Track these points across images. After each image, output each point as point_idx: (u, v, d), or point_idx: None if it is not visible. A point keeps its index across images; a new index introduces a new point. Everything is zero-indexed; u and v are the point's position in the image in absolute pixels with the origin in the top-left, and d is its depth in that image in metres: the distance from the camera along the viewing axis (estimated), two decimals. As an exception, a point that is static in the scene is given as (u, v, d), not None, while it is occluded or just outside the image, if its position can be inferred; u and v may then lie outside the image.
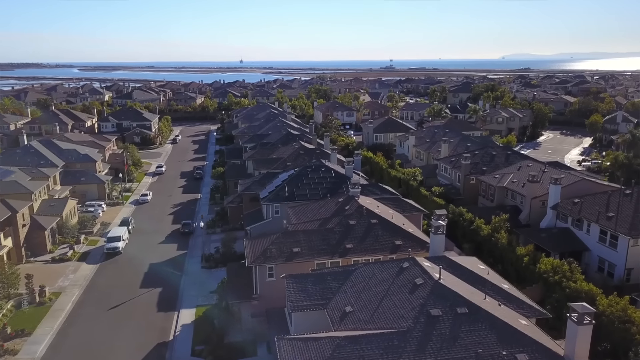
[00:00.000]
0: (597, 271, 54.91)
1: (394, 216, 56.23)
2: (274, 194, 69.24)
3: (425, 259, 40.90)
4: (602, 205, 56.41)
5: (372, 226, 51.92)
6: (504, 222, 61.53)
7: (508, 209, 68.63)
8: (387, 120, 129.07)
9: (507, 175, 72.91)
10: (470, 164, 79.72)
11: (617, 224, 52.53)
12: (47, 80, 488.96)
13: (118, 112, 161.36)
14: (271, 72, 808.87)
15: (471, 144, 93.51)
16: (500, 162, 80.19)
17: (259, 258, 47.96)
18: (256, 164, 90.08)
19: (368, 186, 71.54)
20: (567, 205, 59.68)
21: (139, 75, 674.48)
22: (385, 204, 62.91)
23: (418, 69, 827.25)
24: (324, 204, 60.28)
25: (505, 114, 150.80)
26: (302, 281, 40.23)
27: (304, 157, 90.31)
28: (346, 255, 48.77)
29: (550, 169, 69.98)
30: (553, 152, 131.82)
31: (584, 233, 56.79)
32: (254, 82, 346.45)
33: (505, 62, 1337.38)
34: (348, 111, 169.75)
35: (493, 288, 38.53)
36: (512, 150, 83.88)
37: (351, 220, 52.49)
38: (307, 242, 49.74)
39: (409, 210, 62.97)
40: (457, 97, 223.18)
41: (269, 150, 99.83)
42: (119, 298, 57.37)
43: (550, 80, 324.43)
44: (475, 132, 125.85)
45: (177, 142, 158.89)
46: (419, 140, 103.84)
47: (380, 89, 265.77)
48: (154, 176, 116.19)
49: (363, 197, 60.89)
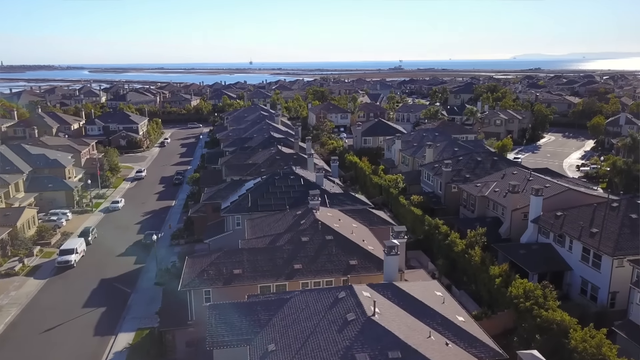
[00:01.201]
0: (580, 293, 49.35)
1: (354, 231, 51.13)
2: (235, 204, 64.38)
3: (369, 286, 35.80)
4: (587, 220, 50.81)
5: (326, 243, 46.86)
6: (480, 237, 56.12)
7: (488, 221, 63.16)
8: (377, 123, 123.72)
9: (489, 183, 67.38)
10: (452, 170, 74.28)
11: (601, 241, 46.94)
12: (55, 82, 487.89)
13: (105, 115, 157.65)
14: (279, 73, 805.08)
15: (459, 149, 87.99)
16: (485, 169, 74.64)
17: (194, 281, 43.06)
18: (229, 169, 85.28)
19: (339, 195, 66.48)
20: (548, 219, 54.12)
21: (147, 77, 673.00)
22: (352, 216, 57.91)
23: (427, 70, 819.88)
24: (282, 216, 55.36)
25: (503, 116, 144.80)
26: (227, 312, 35.28)
27: (279, 162, 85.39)
28: (293, 278, 43.79)
29: (535, 177, 64.34)
30: (552, 156, 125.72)
31: (566, 250, 51.23)
32: (256, 83, 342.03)
33: (516, 63, 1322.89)
34: (342, 113, 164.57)
35: (444, 322, 33.32)
36: (499, 156, 78.24)
37: (304, 237, 47.49)
38: (251, 262, 44.79)
39: (377, 223, 57.79)
40: (458, 98, 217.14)
41: (247, 154, 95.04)
42: (57, 319, 52.77)
43: (557, 81, 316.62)
44: (470, 135, 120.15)
45: (165, 145, 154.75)
46: (406, 145, 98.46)
47: (381, 90, 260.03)
48: (133, 181, 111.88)
49: (325, 210, 55.92)
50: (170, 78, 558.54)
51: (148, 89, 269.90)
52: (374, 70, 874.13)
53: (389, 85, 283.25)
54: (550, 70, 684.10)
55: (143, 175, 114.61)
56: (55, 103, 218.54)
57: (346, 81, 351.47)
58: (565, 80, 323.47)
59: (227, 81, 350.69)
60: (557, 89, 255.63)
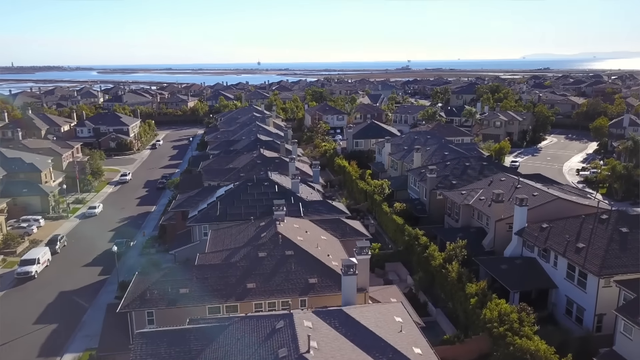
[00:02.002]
0: (565, 314, 45.11)
1: (320, 245, 47.25)
2: (203, 213, 60.74)
3: (316, 312, 31.91)
4: (573, 233, 46.54)
5: (285, 259, 43.01)
6: (460, 250, 51.98)
7: (473, 232, 59.02)
8: (369, 125, 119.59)
9: (475, 191, 63.16)
10: (438, 176, 70.09)
11: (587, 258, 42.68)
12: (62, 83, 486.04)
13: (96, 117, 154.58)
14: (286, 73, 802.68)
15: (449, 153, 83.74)
16: (473, 175, 70.39)
17: (135, 302, 39.36)
18: (207, 174, 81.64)
19: (315, 203, 62.65)
20: (533, 232, 49.89)
21: (154, 78, 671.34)
22: (324, 227, 54.04)
23: (434, 70, 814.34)
24: (245, 228, 51.62)
25: (503, 117, 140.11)
26: (156, 342, 31.45)
27: (260, 167, 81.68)
28: (245, 298, 40.02)
29: (523, 184, 60.01)
30: (552, 159, 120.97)
31: (551, 266, 46.99)
32: (258, 83, 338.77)
33: (525, 62, 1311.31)
34: (339, 114, 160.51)
35: (395, 357, 29.30)
36: (489, 161, 73.87)
37: (261, 252, 43.65)
38: (200, 280, 41.03)
39: (349, 234, 53.81)
40: (460, 99, 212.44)
41: (229, 158, 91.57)
42: (4, 336, 49.29)
43: (564, 81, 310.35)
44: (466, 138, 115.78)
45: (156, 147, 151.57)
46: (396, 148, 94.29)
47: (383, 90, 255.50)
48: (117, 185, 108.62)
49: (293, 221, 52.04)
50: (177, 79, 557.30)
51: (146, 90, 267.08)
52: (381, 70, 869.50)
53: (391, 86, 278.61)
54: (559, 70, 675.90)
55: (127, 178, 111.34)
56: (52, 104, 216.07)
57: (349, 81, 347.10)
58: (572, 80, 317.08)
59: (233, 82, 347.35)
60: (563, 89, 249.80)
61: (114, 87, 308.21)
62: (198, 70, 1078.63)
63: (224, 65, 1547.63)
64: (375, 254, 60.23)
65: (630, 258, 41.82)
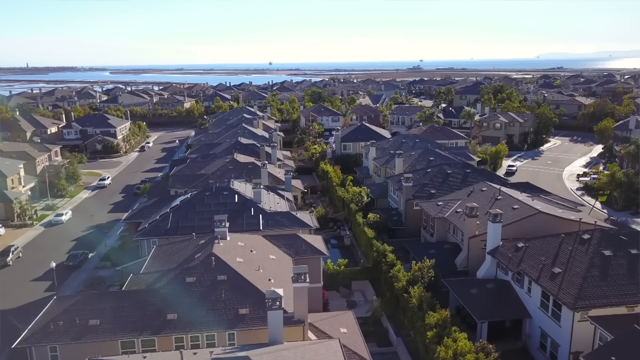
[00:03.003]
0: (539, 348, 39.39)
1: (263, 267, 41.95)
2: (153, 225, 55.92)
3: None
4: (550, 255, 40.82)
5: (216, 285, 37.87)
6: (427, 270, 46.48)
7: (447, 248, 53.47)
8: (358, 128, 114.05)
9: (453, 202, 57.51)
10: (416, 185, 64.49)
11: (562, 286, 36.97)
12: (73, 84, 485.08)
13: (83, 118, 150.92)
14: (296, 73, 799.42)
15: (435, 158, 78.03)
16: (454, 184, 64.68)
17: (36, 335, 34.44)
18: (175, 181, 76.92)
19: (277, 215, 57.55)
20: (507, 252, 44.19)
21: (165, 78, 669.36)
22: (278, 244, 48.71)
23: (446, 69, 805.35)
24: (185, 246, 46.57)
25: (503, 119, 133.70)
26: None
27: (232, 173, 76.88)
28: (162, 331, 34.89)
29: (505, 196, 54.22)
30: (553, 163, 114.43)
31: (525, 292, 41.29)
32: (261, 83, 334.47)
33: (539, 62, 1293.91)
34: (334, 116, 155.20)
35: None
36: (473, 168, 67.89)
37: (190, 277, 38.47)
38: (115, 310, 36.01)
39: (306, 252, 48.45)
40: (464, 99, 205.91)
41: (203, 163, 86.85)
42: None
43: (575, 80, 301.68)
44: (460, 141, 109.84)
45: (145, 150, 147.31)
46: (381, 152, 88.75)
47: (386, 90, 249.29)
48: (94, 190, 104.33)
49: (240, 237, 46.89)
50: (186, 79, 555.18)
51: (147, 91, 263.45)
52: (391, 70, 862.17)
53: (394, 86, 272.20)
54: (572, 70, 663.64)
55: (105, 183, 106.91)
56: (48, 105, 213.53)
57: (354, 81, 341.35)
58: (582, 79, 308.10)
59: (243, 82, 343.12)
60: (572, 89, 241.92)
61: (115, 87, 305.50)
62: (209, 71, 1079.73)
63: (236, 65, 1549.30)
64: (340, 271, 55.11)
65: (611, 287, 36.09)
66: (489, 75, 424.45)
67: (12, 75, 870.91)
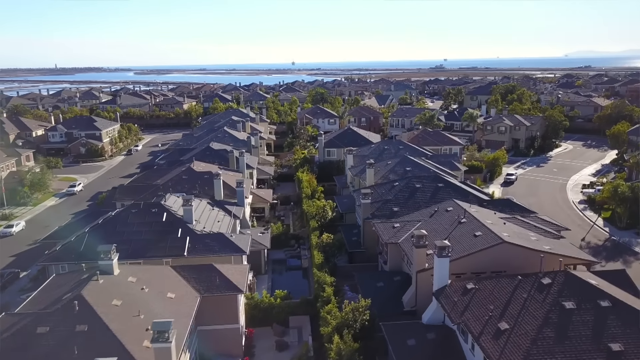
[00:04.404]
0: (483, 423, 30.89)
1: (146, 312, 34.28)
2: (64, 248, 48.91)
3: None
4: (500, 303, 32.33)
5: (71, 338, 30.48)
6: (361, 314, 38.32)
7: (397, 281, 45.13)
8: (344, 132, 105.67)
9: (412, 223, 49.13)
10: (377, 201, 56.14)
11: (505, 350, 28.46)
12: (96, 84, 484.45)
13: (70, 120, 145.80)
14: (317, 73, 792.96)
15: (412, 168, 69.42)
16: (422, 200, 56.12)
17: None
18: (121, 193, 70.13)
19: (207, 238, 50.14)
20: (453, 294, 35.74)
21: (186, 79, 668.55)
22: (188, 276, 41.15)
23: (469, 69, 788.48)
24: (75, 278, 39.25)
25: (508, 122, 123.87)
26: None
27: (185, 184, 69.77)
28: (-15, 401, 27.47)
29: (470, 218, 45.55)
30: (559, 171, 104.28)
31: (469, 349, 32.84)
32: (272, 84, 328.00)
33: (566, 60, 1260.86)
34: (330, 118, 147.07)
35: None
36: (446, 182, 58.93)
37: (42, 326, 31.13)
38: None
39: (218, 288, 40.62)
40: (475, 100, 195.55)
41: (161, 171, 79.94)
42: None
43: (598, 79, 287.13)
44: (454, 147, 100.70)
45: (132, 153, 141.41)
46: (359, 160, 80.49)
47: (395, 90, 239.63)
48: (62, 197, 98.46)
49: (134, 270, 39.55)
50: (205, 79, 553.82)
51: (150, 92, 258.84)
52: (414, 69, 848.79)
53: (405, 86, 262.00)
54: (600, 69, 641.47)
55: (75, 190, 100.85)
56: (49, 107, 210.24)
57: (368, 81, 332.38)
58: (606, 78, 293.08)
59: (239, 82, 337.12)
60: (594, 88, 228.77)
61: (122, 88, 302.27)
62: (231, 71, 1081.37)
63: (259, 65, 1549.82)
64: (276, 304, 47.18)
65: (569, 354, 27.40)
66: (509, 74, 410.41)
67: (40, 76, 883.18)
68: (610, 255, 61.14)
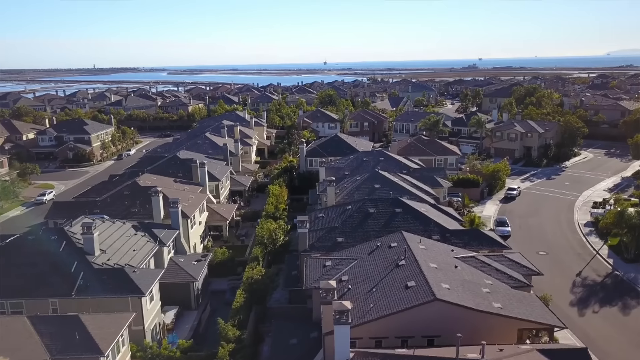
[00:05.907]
0: None
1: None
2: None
3: None
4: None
5: None
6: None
7: (312, 340, 36.30)
8: (329, 140, 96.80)
9: (347, 261, 40.22)
10: (321, 229, 47.40)
11: None
12: (129, 84, 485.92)
13: (61, 124, 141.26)
14: (346, 73, 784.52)
15: (381, 185, 60.31)
16: (373, 229, 47.11)
17: None
18: (56, 209, 63.50)
19: (103, 274, 42.36)
20: (348, 377, 26.79)
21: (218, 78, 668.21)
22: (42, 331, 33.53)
23: (503, 68, 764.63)
24: None
25: (520, 129, 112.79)
26: None
27: (124, 201, 62.59)
28: None
29: (410, 261, 36.38)
30: (571, 185, 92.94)
31: None
32: (290, 84, 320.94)
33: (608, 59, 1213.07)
34: (330, 122, 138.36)
35: None
36: (405, 206, 49.35)
37: None
38: None
39: (76, 348, 32.71)
40: (494, 102, 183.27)
41: (112, 184, 73.10)
42: None
43: (634, 80, 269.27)
44: (450, 157, 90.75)
45: (123, 158, 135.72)
46: (332, 173, 71.55)
47: (413, 92, 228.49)
48: (30, 207, 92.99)
49: None
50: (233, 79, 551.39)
51: (161, 93, 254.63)
52: (445, 69, 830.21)
53: (424, 87, 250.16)
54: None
55: (45, 199, 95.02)
56: (57, 108, 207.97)
57: (389, 81, 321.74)
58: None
59: (257, 82, 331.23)
60: (628, 89, 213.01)
61: (137, 89, 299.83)
62: (262, 71, 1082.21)
63: (290, 65, 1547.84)
64: (175, 357, 39.05)
65: None
66: (542, 74, 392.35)
67: (78, 76, 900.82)
68: (607, 296, 50.68)
